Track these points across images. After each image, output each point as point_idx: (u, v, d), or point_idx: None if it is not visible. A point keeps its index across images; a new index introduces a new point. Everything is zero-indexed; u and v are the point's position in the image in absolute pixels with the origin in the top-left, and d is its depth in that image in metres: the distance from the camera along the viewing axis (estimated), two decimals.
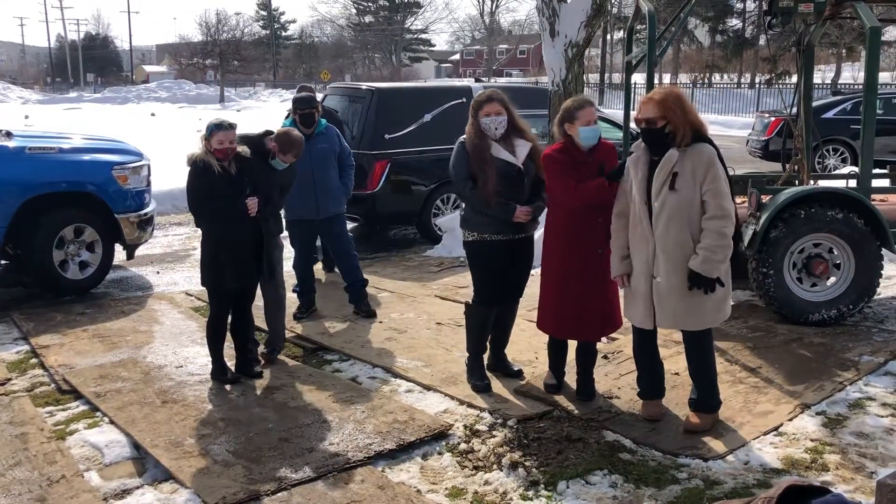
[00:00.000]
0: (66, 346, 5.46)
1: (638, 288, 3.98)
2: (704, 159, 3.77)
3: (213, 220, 4.60)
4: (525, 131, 4.48)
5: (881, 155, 11.27)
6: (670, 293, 3.86)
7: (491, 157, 4.36)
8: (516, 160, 4.40)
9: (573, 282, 4.25)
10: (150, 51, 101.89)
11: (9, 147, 6.57)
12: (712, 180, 3.76)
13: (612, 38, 46.84)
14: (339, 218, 6.08)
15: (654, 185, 3.83)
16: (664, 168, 3.81)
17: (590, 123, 4.16)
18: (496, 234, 4.46)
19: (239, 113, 31.31)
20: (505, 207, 4.36)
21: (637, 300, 4.00)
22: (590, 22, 8.08)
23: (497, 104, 4.39)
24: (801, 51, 6.67)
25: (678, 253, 3.82)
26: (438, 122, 8.67)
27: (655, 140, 3.86)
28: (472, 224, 4.53)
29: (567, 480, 3.55)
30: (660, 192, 3.81)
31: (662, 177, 3.81)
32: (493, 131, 4.39)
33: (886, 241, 5.58)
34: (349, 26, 74.23)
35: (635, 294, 4.01)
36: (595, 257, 4.21)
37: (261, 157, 4.89)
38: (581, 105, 4.20)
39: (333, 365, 5.17)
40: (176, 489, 3.57)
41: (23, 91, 52.74)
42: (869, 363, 4.88)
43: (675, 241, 3.81)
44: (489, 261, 4.52)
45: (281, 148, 4.89)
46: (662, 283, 3.87)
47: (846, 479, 3.55)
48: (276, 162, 4.92)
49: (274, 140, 4.92)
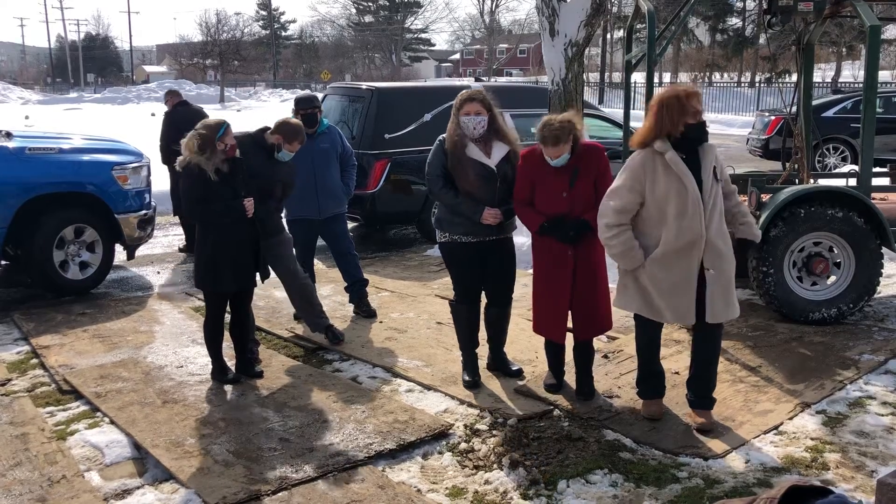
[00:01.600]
0: (67, 346, 5.46)
1: (681, 284, 3.89)
2: (718, 152, 3.98)
3: (211, 223, 4.59)
4: (506, 134, 4.45)
5: (881, 153, 11.29)
6: (728, 284, 3.92)
7: (465, 157, 4.36)
8: (490, 161, 4.39)
9: (557, 282, 4.25)
10: (151, 51, 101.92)
11: (9, 147, 6.57)
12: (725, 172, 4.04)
13: (611, 37, 46.81)
14: (339, 217, 6.08)
15: (705, 179, 3.84)
16: (709, 162, 3.87)
17: (557, 157, 4.12)
18: (466, 235, 4.47)
19: (239, 113, 31.34)
20: (474, 208, 4.36)
21: (681, 297, 3.91)
22: (589, 21, 8.07)
23: (478, 104, 4.38)
24: (800, 49, 6.66)
25: (725, 244, 3.91)
26: (438, 122, 8.65)
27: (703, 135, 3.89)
28: (443, 224, 4.55)
29: (567, 480, 3.55)
30: (711, 185, 3.85)
31: (709, 171, 3.86)
32: (472, 131, 4.38)
33: (886, 240, 5.58)
34: (349, 26, 74.29)
35: (676, 292, 3.90)
36: (565, 258, 4.19)
37: (264, 152, 4.89)
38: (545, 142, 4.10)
39: (333, 365, 5.17)
40: (176, 489, 3.57)
41: (23, 91, 52.72)
42: (869, 362, 4.88)
43: (722, 232, 3.92)
44: (460, 262, 4.56)
45: (286, 137, 4.91)
46: (718, 277, 3.88)
47: (846, 478, 3.55)
48: (282, 154, 4.95)
49: (276, 132, 4.93)
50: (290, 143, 4.92)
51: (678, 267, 3.88)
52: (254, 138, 4.97)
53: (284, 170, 5.02)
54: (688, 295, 3.90)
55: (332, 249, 6.16)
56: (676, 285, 3.90)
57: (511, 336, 5.02)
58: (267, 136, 4.97)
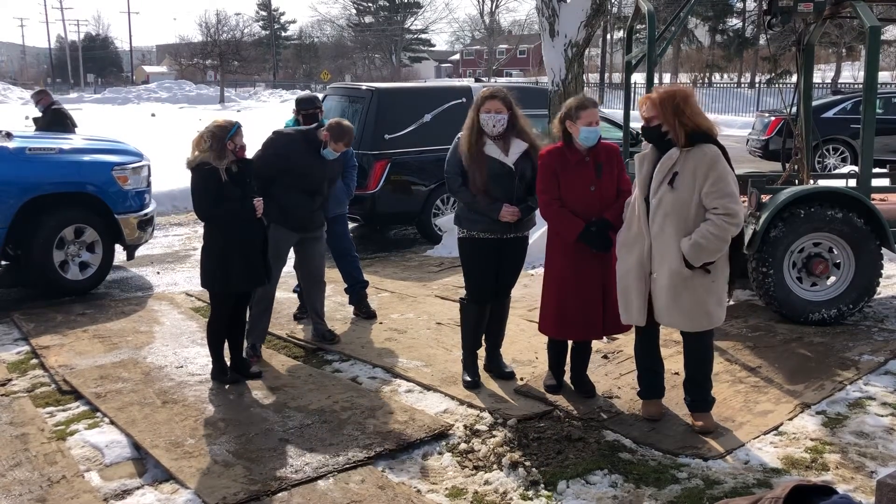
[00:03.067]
0: (67, 346, 5.46)
1: (630, 284, 3.96)
2: (706, 160, 3.74)
3: (222, 223, 4.59)
4: (526, 132, 4.47)
5: (881, 154, 11.29)
6: (665, 290, 3.86)
7: (482, 155, 4.37)
8: (507, 159, 4.40)
9: (574, 283, 4.24)
10: (151, 51, 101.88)
11: (9, 148, 6.57)
12: (715, 182, 3.73)
13: (612, 37, 46.83)
14: (340, 218, 6.10)
15: (654, 182, 3.85)
16: (664, 166, 3.82)
17: (591, 124, 4.15)
18: (485, 232, 4.48)
19: (239, 113, 31.30)
20: (492, 205, 4.37)
21: (630, 296, 3.99)
22: (589, 22, 8.09)
23: (499, 102, 4.38)
24: (800, 50, 6.67)
25: (674, 252, 3.81)
26: (438, 122, 8.67)
27: (654, 139, 3.91)
28: (462, 221, 4.56)
29: (567, 480, 3.55)
30: (658, 189, 3.82)
31: (661, 175, 3.82)
32: (491, 128, 4.39)
33: (886, 241, 5.59)
34: (349, 26, 74.27)
35: (628, 291, 4.00)
36: (594, 258, 4.20)
37: (313, 148, 5.05)
38: (585, 105, 4.18)
39: (333, 365, 5.17)
40: (176, 489, 3.57)
41: (23, 92, 52.68)
42: (869, 362, 4.88)
43: (671, 240, 3.81)
44: (477, 259, 4.55)
45: (333, 136, 5.04)
46: (658, 280, 3.87)
47: (846, 479, 3.55)
48: (327, 152, 5.09)
49: (326, 129, 5.07)
50: (336, 142, 5.05)
51: (623, 265, 4.00)
52: (305, 134, 5.17)
53: (330, 166, 5.18)
54: (634, 296, 3.95)
55: (332, 250, 6.16)
56: (626, 286, 4.00)
57: (511, 336, 5.02)
58: (319, 132, 5.11)
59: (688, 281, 3.82)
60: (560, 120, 4.23)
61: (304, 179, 5.01)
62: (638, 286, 3.94)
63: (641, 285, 3.93)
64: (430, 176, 8.65)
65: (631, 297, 3.98)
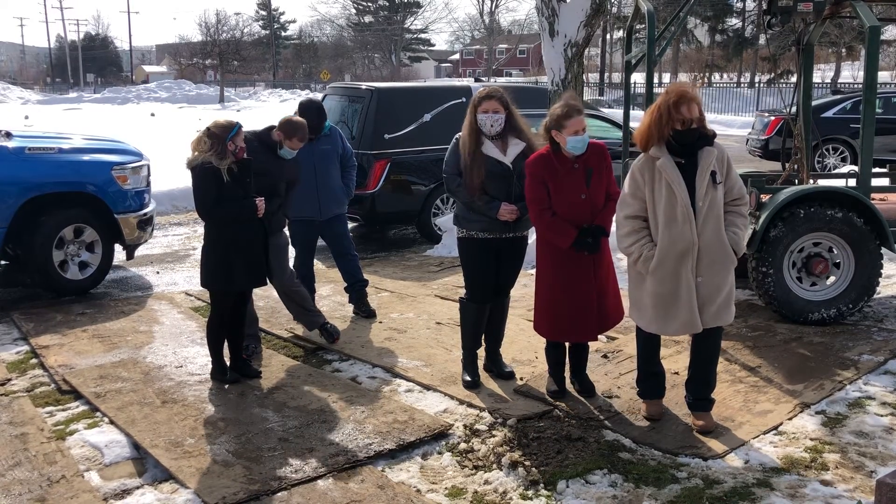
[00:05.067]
0: (66, 346, 5.46)
1: (680, 294, 3.84)
2: (723, 155, 3.87)
3: (224, 223, 4.59)
4: (523, 131, 4.47)
5: (881, 154, 11.29)
6: (715, 292, 3.85)
7: (480, 154, 4.37)
8: (505, 159, 4.40)
9: (566, 287, 4.22)
10: (150, 51, 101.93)
11: (8, 147, 6.57)
12: (733, 175, 3.90)
13: (611, 37, 46.89)
14: (340, 218, 6.09)
15: (699, 185, 3.78)
16: (705, 167, 3.79)
17: (578, 133, 4.05)
18: (484, 231, 4.48)
19: (239, 113, 31.34)
20: (490, 204, 4.37)
21: (679, 307, 3.85)
22: (589, 21, 8.08)
23: (495, 102, 4.38)
24: (800, 50, 6.66)
25: (720, 250, 3.84)
26: (438, 122, 8.67)
27: (691, 140, 3.79)
28: (461, 221, 4.56)
29: (567, 480, 3.55)
30: (706, 191, 3.79)
31: (706, 176, 3.79)
32: (489, 128, 4.39)
33: (886, 241, 5.58)
34: (349, 26, 74.32)
35: (674, 301, 3.85)
36: (585, 259, 4.18)
37: (269, 150, 4.93)
38: (569, 114, 4.06)
39: (333, 365, 5.17)
40: (176, 489, 3.57)
41: (23, 91, 52.77)
42: (869, 362, 4.88)
43: (718, 239, 3.83)
44: (476, 258, 4.55)
45: (286, 134, 4.93)
46: (709, 282, 3.84)
47: (846, 479, 3.55)
48: (284, 151, 4.98)
49: (278, 129, 4.97)
50: (290, 139, 4.94)
51: (672, 278, 3.84)
52: (259, 136, 5.01)
53: (288, 168, 5.04)
54: (685, 306, 3.86)
55: (332, 250, 6.16)
56: (670, 296, 3.85)
57: (511, 336, 5.02)
58: (273, 132, 5.01)
59: (729, 276, 3.91)
60: (546, 128, 4.16)
61: (260, 180, 4.74)
62: (687, 296, 3.84)
63: (690, 294, 3.84)
64: (429, 176, 8.65)
65: (680, 306, 3.85)
